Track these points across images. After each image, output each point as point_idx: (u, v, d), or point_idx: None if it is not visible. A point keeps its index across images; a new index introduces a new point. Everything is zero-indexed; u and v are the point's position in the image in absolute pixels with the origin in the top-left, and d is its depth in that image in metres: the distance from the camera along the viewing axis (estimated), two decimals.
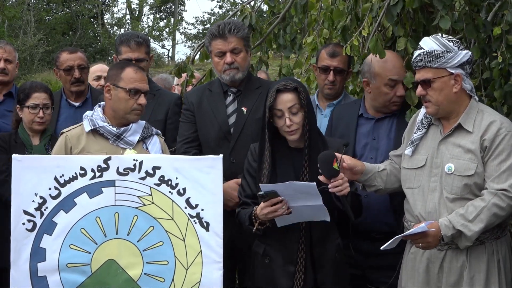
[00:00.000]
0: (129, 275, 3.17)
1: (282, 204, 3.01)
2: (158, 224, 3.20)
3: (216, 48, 3.78)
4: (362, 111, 3.74)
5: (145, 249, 3.19)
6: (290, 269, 3.17)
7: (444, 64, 3.04)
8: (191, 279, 3.18)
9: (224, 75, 3.78)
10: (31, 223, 3.17)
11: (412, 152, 3.21)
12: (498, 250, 3.05)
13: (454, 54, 3.04)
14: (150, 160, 3.26)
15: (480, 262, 3.01)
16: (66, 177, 3.20)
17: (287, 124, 3.15)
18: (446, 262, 3.06)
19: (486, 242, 3.02)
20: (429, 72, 3.07)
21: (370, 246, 3.48)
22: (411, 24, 3.67)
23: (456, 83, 3.07)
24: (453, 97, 3.09)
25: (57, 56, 4.64)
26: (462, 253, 3.02)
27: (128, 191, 3.21)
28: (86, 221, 3.19)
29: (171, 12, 36.75)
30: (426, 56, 3.05)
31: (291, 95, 3.16)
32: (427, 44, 3.10)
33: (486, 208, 2.93)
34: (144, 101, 3.49)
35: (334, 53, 4.08)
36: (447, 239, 2.97)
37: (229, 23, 3.78)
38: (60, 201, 3.19)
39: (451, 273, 3.05)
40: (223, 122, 3.78)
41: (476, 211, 2.94)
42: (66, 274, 3.15)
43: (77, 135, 3.50)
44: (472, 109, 3.11)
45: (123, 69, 3.51)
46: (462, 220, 2.94)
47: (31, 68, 20.81)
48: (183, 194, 3.21)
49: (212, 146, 3.74)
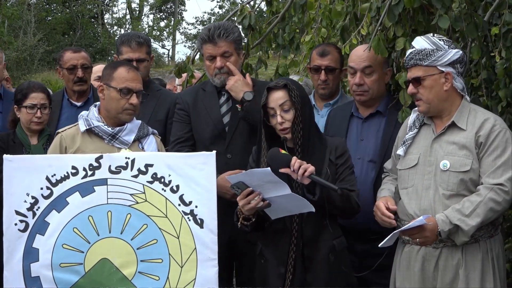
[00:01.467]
0: (123, 274, 3.15)
1: (254, 195, 2.99)
2: (152, 222, 3.18)
3: (206, 52, 3.78)
4: (353, 110, 3.78)
5: (139, 247, 3.17)
6: (281, 270, 3.15)
7: (434, 62, 3.07)
8: (186, 277, 3.15)
9: (215, 78, 3.79)
10: (23, 223, 3.15)
11: (404, 152, 3.22)
12: (492, 248, 3.05)
13: (444, 52, 3.07)
14: (143, 157, 3.24)
15: (475, 260, 3.01)
16: (57, 177, 3.18)
17: (278, 122, 3.14)
18: (442, 260, 3.04)
19: (481, 240, 3.02)
20: (420, 70, 3.10)
21: (366, 247, 3.47)
22: (411, 24, 3.66)
23: (447, 81, 3.09)
24: (444, 95, 3.11)
25: (60, 55, 4.63)
26: (457, 251, 3.01)
27: (120, 189, 3.19)
28: (78, 220, 3.17)
29: (171, 12, 36.77)
30: (416, 54, 3.09)
31: (281, 92, 3.16)
32: (418, 43, 3.14)
33: (483, 203, 2.93)
34: (136, 100, 3.46)
35: (323, 52, 4.09)
36: (444, 234, 2.95)
37: (219, 27, 3.76)
38: (52, 201, 3.18)
39: (446, 271, 3.03)
40: (217, 121, 3.78)
41: (472, 206, 2.93)
42: (59, 274, 3.14)
43: (72, 135, 3.49)
44: (465, 108, 3.13)
45: (115, 68, 3.50)
46: (458, 215, 2.93)
47: (31, 68, 20.82)
48: (177, 191, 3.19)
49: (207, 145, 3.73)
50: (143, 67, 4.20)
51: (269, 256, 3.21)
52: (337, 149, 3.22)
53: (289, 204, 3.01)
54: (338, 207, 3.10)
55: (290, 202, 3.00)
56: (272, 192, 2.96)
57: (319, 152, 3.19)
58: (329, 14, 4.44)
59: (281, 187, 2.93)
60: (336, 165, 3.20)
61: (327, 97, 4.17)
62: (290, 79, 3.33)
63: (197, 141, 3.83)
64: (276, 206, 3.03)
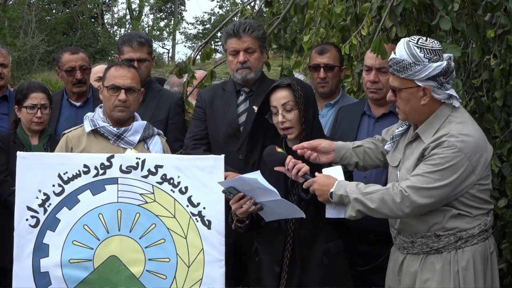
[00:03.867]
0: (131, 271, 3.20)
1: (246, 199, 3.02)
2: (160, 222, 3.23)
3: (230, 46, 3.82)
4: (366, 108, 3.75)
5: (147, 246, 3.22)
6: (276, 270, 3.17)
7: (411, 76, 2.86)
8: (193, 277, 3.21)
9: (236, 74, 3.82)
10: (34, 219, 3.20)
11: (392, 148, 3.13)
12: (458, 260, 2.88)
13: (422, 68, 2.84)
14: (153, 158, 3.30)
15: (433, 270, 2.91)
16: (69, 174, 3.23)
17: (280, 121, 3.15)
18: (404, 265, 3.02)
19: (443, 251, 2.90)
20: (396, 81, 2.93)
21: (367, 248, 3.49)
22: (415, 24, 3.70)
23: (425, 96, 2.89)
24: (421, 108, 2.92)
25: (59, 56, 4.64)
26: (417, 259, 2.96)
27: (130, 189, 3.24)
28: (89, 217, 3.22)
29: (171, 12, 36.81)
30: (394, 64, 2.90)
31: (285, 91, 3.17)
32: (399, 50, 2.92)
33: (381, 192, 2.84)
34: (124, 96, 3.47)
35: (322, 50, 4.11)
36: (335, 197, 2.89)
37: (245, 23, 3.83)
38: (64, 198, 3.23)
39: (406, 277, 3.00)
40: (233, 120, 3.81)
41: (374, 189, 2.87)
42: (68, 270, 3.18)
43: (78, 135, 3.53)
44: (438, 118, 2.92)
45: (108, 68, 3.59)
46: (356, 189, 2.88)
47: (31, 68, 20.78)
48: (185, 192, 3.25)
49: (221, 143, 3.77)
50: (144, 67, 4.21)
51: (264, 255, 3.23)
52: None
53: (280, 208, 3.04)
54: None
55: (281, 207, 3.03)
56: (263, 197, 3.00)
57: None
58: (327, 14, 4.49)
59: (271, 193, 2.96)
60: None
61: (327, 95, 4.16)
62: (296, 79, 3.34)
63: (211, 139, 3.86)
64: (268, 209, 3.07)
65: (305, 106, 3.14)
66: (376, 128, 3.66)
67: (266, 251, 3.23)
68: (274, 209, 3.05)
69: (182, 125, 4.22)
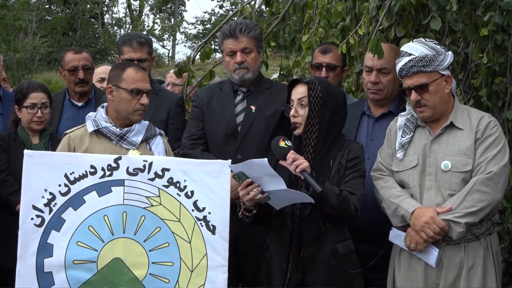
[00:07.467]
0: (134, 274, 3.19)
1: (253, 186, 3.04)
2: (165, 225, 3.23)
3: (227, 47, 3.84)
4: (365, 108, 3.81)
5: (151, 250, 3.22)
6: (283, 266, 3.20)
7: (437, 67, 3.13)
8: (196, 281, 3.20)
9: (234, 74, 3.84)
10: (39, 218, 3.19)
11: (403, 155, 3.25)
12: (492, 245, 3.11)
13: (444, 57, 3.15)
14: (160, 161, 3.29)
15: (477, 257, 3.07)
16: (76, 175, 3.23)
17: (292, 114, 3.22)
18: (445, 258, 3.10)
19: (481, 237, 3.07)
20: (424, 77, 3.14)
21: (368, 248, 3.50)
22: (413, 24, 3.72)
23: (447, 84, 3.17)
24: (446, 98, 3.19)
25: (62, 55, 4.65)
26: (459, 249, 3.07)
27: (136, 191, 3.24)
28: (94, 219, 3.21)
29: (171, 12, 36.79)
30: (419, 62, 3.13)
31: (303, 88, 3.22)
32: (416, 50, 3.16)
33: (470, 193, 3.03)
34: (147, 100, 3.52)
35: (326, 50, 4.15)
36: (459, 235, 3.04)
37: (241, 23, 3.85)
38: (69, 198, 3.22)
39: (449, 270, 3.08)
40: (230, 120, 3.82)
41: (466, 203, 3.03)
42: (72, 271, 3.17)
43: (80, 136, 3.52)
44: (458, 109, 3.22)
45: (124, 69, 3.54)
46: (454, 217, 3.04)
47: (31, 68, 20.74)
48: (191, 196, 3.25)
49: (219, 143, 3.79)
50: (145, 67, 4.19)
51: (273, 252, 3.27)
52: (350, 152, 3.22)
53: (288, 196, 3.07)
54: (333, 206, 3.06)
55: (288, 195, 3.06)
56: (270, 185, 3.02)
57: (331, 154, 3.20)
58: (326, 14, 4.50)
59: (278, 182, 2.98)
60: (346, 168, 3.20)
61: None
62: (321, 79, 3.38)
63: (209, 139, 3.88)
64: (275, 198, 3.08)
65: (322, 107, 3.18)
66: (376, 128, 3.73)
67: (275, 248, 3.26)
68: (281, 197, 3.07)
69: (182, 125, 4.23)
